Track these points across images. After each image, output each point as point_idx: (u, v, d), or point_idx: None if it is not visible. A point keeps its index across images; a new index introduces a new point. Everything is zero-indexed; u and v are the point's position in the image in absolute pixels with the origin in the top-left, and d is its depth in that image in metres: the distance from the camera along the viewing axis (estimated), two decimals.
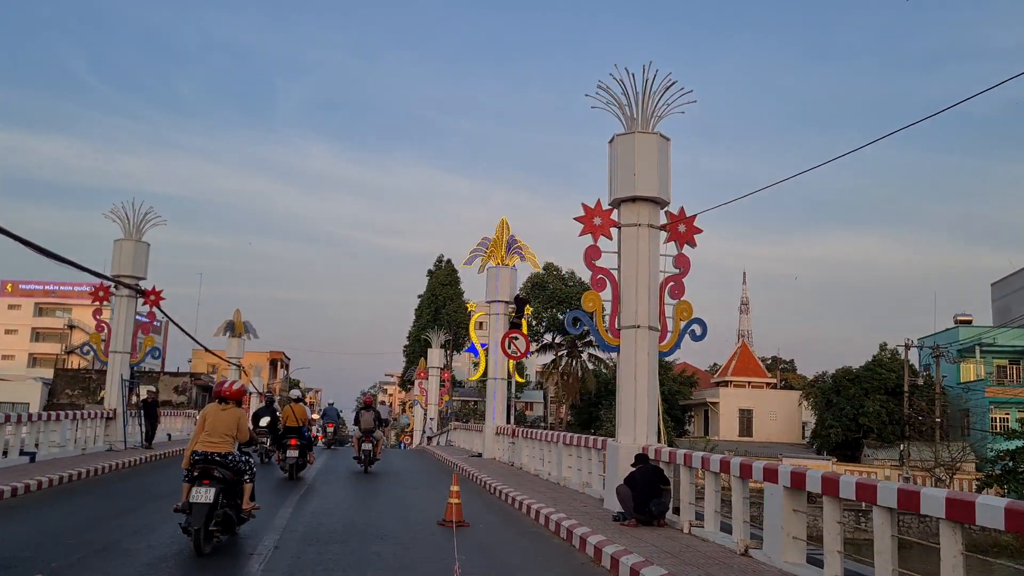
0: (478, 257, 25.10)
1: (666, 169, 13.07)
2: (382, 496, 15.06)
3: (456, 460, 22.99)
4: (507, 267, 24.58)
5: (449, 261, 68.12)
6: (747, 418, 61.34)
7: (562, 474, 16.44)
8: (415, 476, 20.48)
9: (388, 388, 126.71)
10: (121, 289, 23.45)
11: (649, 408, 12.61)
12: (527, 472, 19.23)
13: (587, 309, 12.83)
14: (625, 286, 12.81)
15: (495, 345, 24.23)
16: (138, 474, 18.23)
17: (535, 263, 24.87)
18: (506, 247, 24.73)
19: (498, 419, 24.04)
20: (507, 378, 24.65)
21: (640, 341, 12.59)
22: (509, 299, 24.39)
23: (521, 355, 21.63)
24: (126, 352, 23.45)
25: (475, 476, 18.46)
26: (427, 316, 63.02)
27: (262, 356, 74.63)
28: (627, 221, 12.95)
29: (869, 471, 50.21)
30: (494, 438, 23.90)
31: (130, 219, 23.44)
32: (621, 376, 12.75)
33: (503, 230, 24.91)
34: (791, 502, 8.28)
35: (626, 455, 12.28)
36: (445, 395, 44.13)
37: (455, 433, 33.06)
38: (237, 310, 41.74)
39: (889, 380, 54.43)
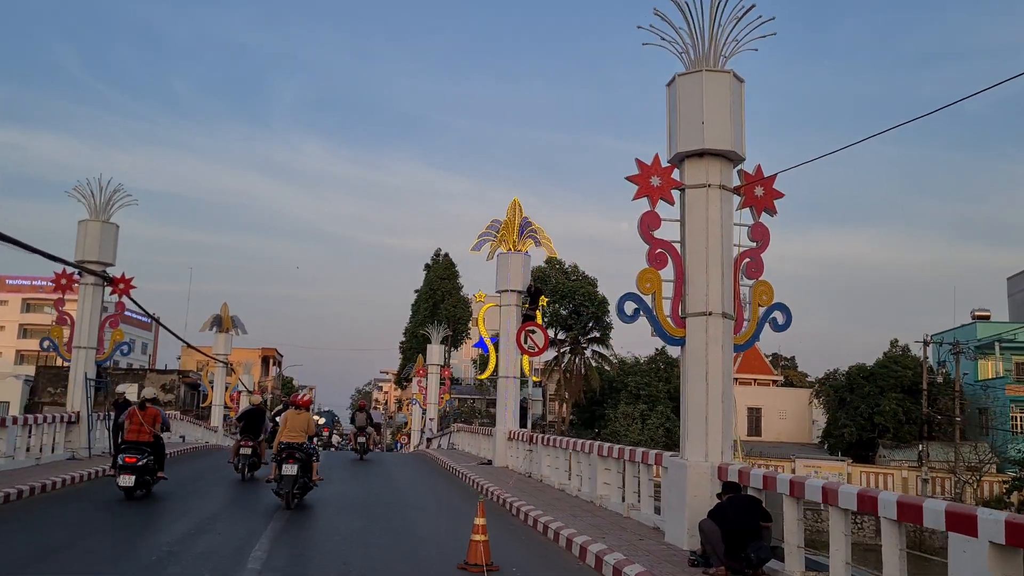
0: (487, 242, 22.30)
1: (740, 117, 10.34)
2: (382, 521, 12.28)
3: (463, 469, 20.22)
4: (520, 253, 21.78)
5: (447, 255, 65.34)
6: (756, 417, 58.70)
7: (596, 491, 13.67)
8: (420, 491, 17.69)
9: (383, 385, 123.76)
10: (86, 276, 20.62)
11: (724, 417, 9.87)
12: (549, 486, 16.46)
13: (642, 291, 10.07)
14: (692, 263, 10.06)
15: (507, 339, 21.46)
16: (100, 489, 15.37)
17: (551, 249, 22.09)
18: (519, 231, 21.94)
19: (511, 422, 21.27)
20: (520, 376, 21.88)
21: (713, 331, 9.84)
22: (522, 288, 21.61)
23: (539, 350, 18.88)
24: (91, 348, 20.61)
25: (490, 491, 15.69)
26: (424, 311, 60.13)
27: (254, 353, 71.75)
28: (693, 181, 10.21)
29: (886, 473, 47.77)
30: (506, 444, 21.12)
31: (96, 197, 20.60)
32: (688, 375, 9.99)
33: (515, 212, 22.11)
34: (1003, 565, 5.50)
35: (697, 478, 9.56)
36: (445, 394, 41.30)
37: (459, 436, 30.26)
38: (224, 304, 38.91)
39: (905, 378, 51.84)
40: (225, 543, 9.81)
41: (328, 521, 12.09)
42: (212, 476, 18.18)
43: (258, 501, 13.82)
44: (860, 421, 51.42)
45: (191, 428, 33.17)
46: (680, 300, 10.13)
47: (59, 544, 9.59)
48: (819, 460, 49.54)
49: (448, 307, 59.79)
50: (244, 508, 13.40)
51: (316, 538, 10.50)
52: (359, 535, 10.92)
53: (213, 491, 15.43)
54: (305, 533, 10.87)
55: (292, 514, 12.27)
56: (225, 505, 13.82)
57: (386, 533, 11.19)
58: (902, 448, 50.90)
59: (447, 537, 10.71)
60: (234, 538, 10.18)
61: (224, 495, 15.01)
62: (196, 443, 30.38)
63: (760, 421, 58.46)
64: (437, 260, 64.71)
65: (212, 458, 24.21)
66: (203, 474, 18.69)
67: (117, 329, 21.73)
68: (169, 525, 11.30)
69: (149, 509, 12.74)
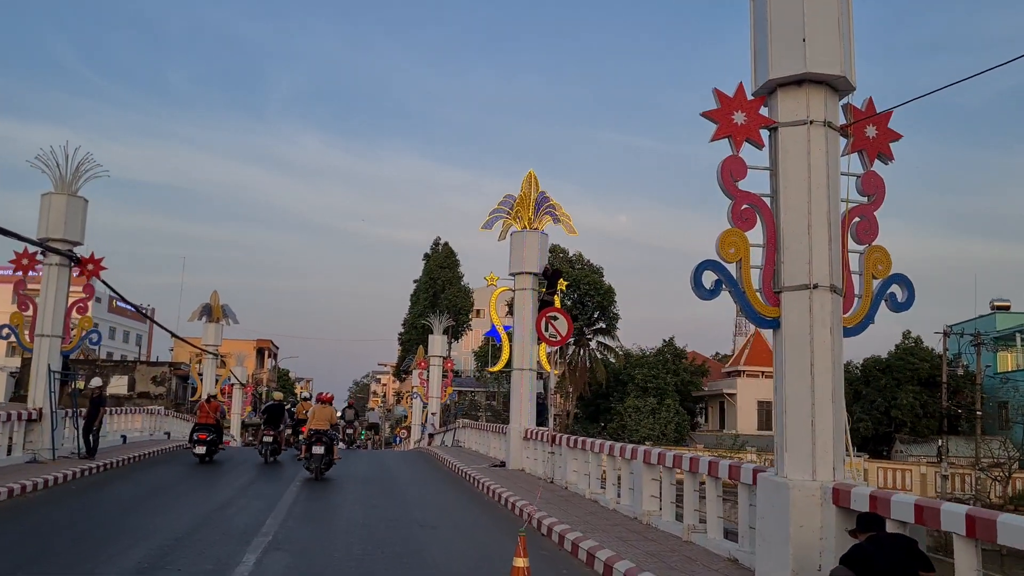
0: (499, 219, 19.88)
1: (850, 31, 7.95)
2: (388, 547, 9.89)
3: (473, 471, 17.88)
4: (536, 232, 19.39)
5: (447, 244, 62.81)
6: (766, 410, 56.31)
7: (642, 506, 11.30)
8: (426, 496, 15.32)
9: (381, 378, 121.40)
10: (50, 256, 18.19)
11: (836, 422, 7.52)
12: (577, 495, 14.10)
13: (725, 258, 7.70)
14: (789, 222, 7.68)
15: (522, 327, 19.09)
16: (59, 500, 12.95)
17: (571, 227, 19.68)
18: (534, 207, 19.54)
19: (526, 419, 18.90)
20: (537, 368, 19.51)
21: (819, 309, 7.47)
22: (538, 270, 19.24)
23: (562, 339, 16.52)
24: (56, 336, 18.19)
25: (509, 501, 13.33)
26: (424, 301, 57.63)
27: (248, 345, 69.25)
28: (790, 117, 7.81)
29: (904, 469, 45.56)
30: (522, 444, 18.77)
31: (61, 168, 18.15)
32: (786, 366, 7.61)
33: (530, 186, 19.71)
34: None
35: (803, 502, 7.22)
36: (448, 387, 38.89)
37: (464, 433, 27.87)
38: (214, 292, 36.46)
39: (922, 370, 49.65)
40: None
41: None
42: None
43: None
44: (877, 415, 49.24)
45: (177, 424, 30.75)
46: (773, 270, 7.76)
47: None
48: None
49: (449, 297, 57.30)
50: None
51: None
52: (359, 565, 8.58)
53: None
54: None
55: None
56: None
57: (392, 564, 8.82)
58: (919, 443, 48.71)
59: (467, 568, 8.36)
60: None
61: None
62: (182, 441, 27.96)
63: (771, 415, 56.14)
64: (437, 249, 62.21)
65: None
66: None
67: (86, 316, 19.28)
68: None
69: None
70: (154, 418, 27.11)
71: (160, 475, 17.49)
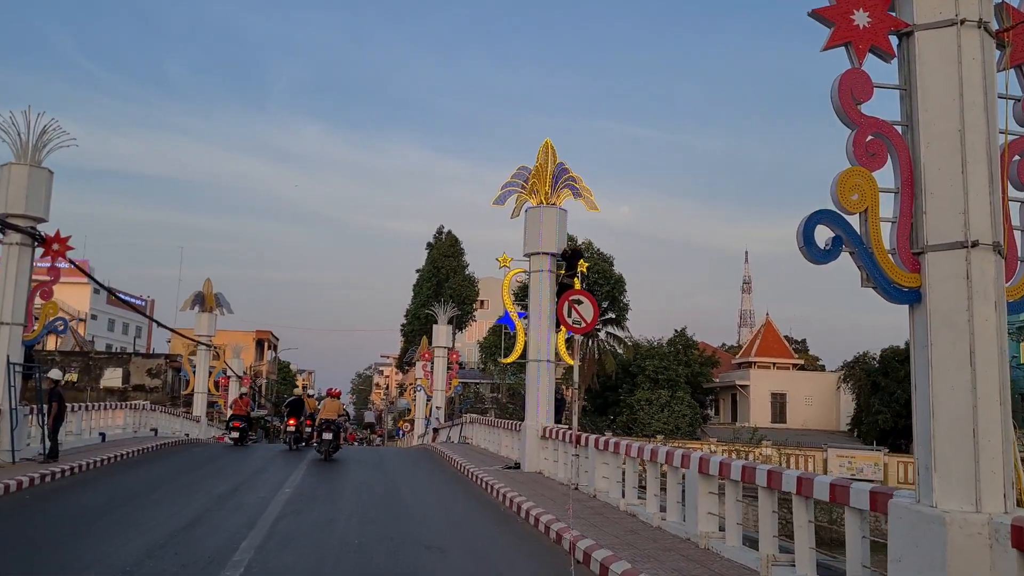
0: (513, 194, 17.74)
1: None
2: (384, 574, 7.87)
3: (486, 475, 15.81)
4: (554, 207, 17.27)
5: (450, 232, 60.54)
6: (780, 402, 54.34)
7: (698, 526, 9.21)
8: (433, 506, 13.24)
9: (384, 370, 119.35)
10: (10, 235, 16.11)
11: (1004, 430, 5.40)
12: (608, 505, 12.03)
13: (846, 207, 5.60)
14: (934, 156, 5.56)
15: (538, 314, 16.99)
16: (2, 515, 10.90)
17: (592, 202, 17.53)
18: (552, 179, 17.41)
19: (544, 416, 16.81)
20: (556, 360, 17.40)
21: (980, 276, 5.37)
22: (556, 250, 17.13)
23: (588, 325, 14.37)
24: (17, 324, 16.09)
25: (531, 515, 11.26)
26: (427, 291, 55.42)
27: (247, 336, 67.13)
28: (932, 17, 5.68)
29: None
30: (539, 443, 16.69)
31: (23, 136, 16.04)
32: (935, 354, 5.46)
33: (547, 156, 17.56)
34: None
35: (964, 542, 5.13)
36: (453, 379, 36.78)
37: (472, 428, 25.77)
38: (208, 280, 34.30)
39: None
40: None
41: None
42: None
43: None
44: (897, 407, 47.06)
45: (166, 419, 28.70)
46: (911, 223, 5.64)
47: None
48: (852, 450, 45.29)
49: (453, 286, 55.11)
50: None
51: None
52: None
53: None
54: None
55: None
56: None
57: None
58: None
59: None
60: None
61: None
62: (170, 437, 25.93)
63: (784, 408, 54.13)
64: (440, 237, 59.98)
65: (190, 455, 19.78)
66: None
67: (51, 301, 17.19)
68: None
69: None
70: (138, 413, 24.98)
71: (136, 479, 15.46)
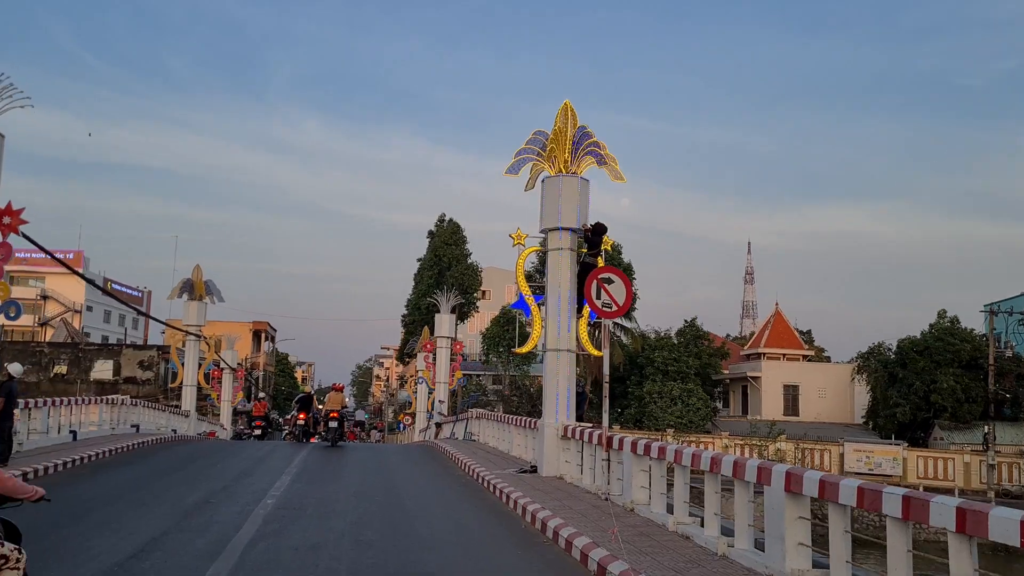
0: (527, 162, 15.53)
1: None
2: None
3: (499, 480, 13.72)
4: (574, 176, 15.06)
5: (452, 220, 58.21)
6: (792, 395, 52.17)
7: (786, 562, 7.06)
8: (440, 523, 11.10)
9: (384, 362, 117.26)
10: None
11: None
12: (655, 524, 9.89)
13: None
14: None
15: (556, 298, 14.82)
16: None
17: (618, 172, 15.33)
18: (572, 145, 15.20)
19: (564, 413, 14.66)
20: (578, 349, 15.26)
21: None
22: (577, 225, 14.96)
23: (620, 309, 12.22)
24: None
25: (562, 538, 9.14)
26: (429, 280, 53.15)
27: (244, 327, 65.00)
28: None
29: (946, 457, 41.47)
30: (559, 444, 14.56)
31: None
32: None
33: (567, 119, 15.33)
34: None
35: None
36: (457, 371, 34.61)
37: (479, 424, 23.63)
38: (197, 266, 32.06)
39: (963, 351, 45.37)
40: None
41: None
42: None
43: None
44: (915, 400, 45.02)
45: (150, 414, 26.58)
46: None
47: None
48: (870, 444, 43.20)
49: (456, 275, 52.82)
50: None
51: None
52: None
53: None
54: None
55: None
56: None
57: None
58: (961, 429, 44.56)
59: None
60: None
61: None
62: (154, 434, 23.76)
63: (797, 400, 51.98)
64: (442, 225, 57.67)
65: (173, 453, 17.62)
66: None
67: (1, 282, 15.01)
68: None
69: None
70: (117, 409, 22.74)
71: (96, 487, 13.32)
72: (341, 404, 23.96)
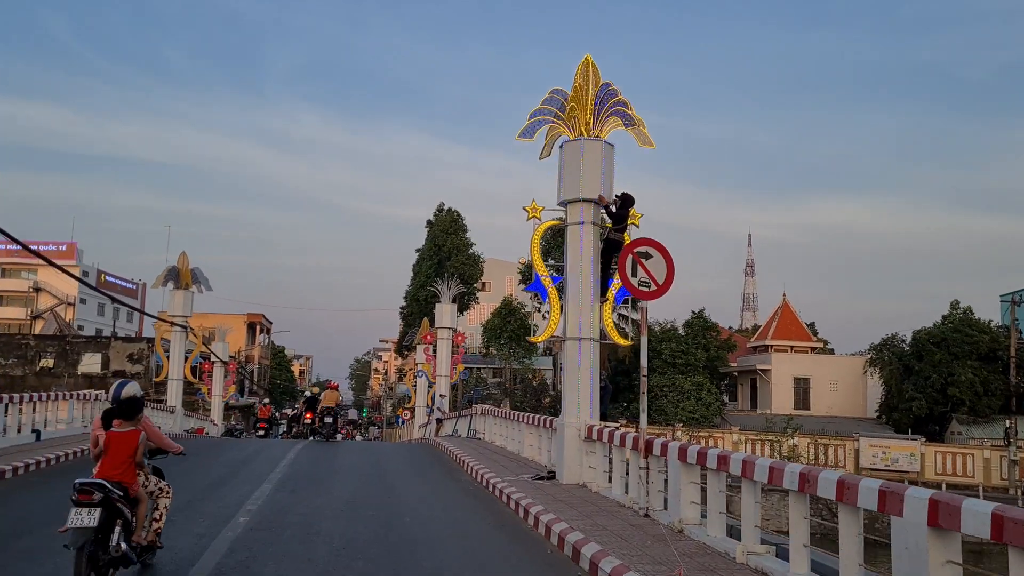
0: (543, 125, 13.49)
1: None
2: None
3: (515, 491, 11.73)
4: (598, 141, 13.02)
5: (451, 209, 56.05)
6: (803, 388, 50.24)
7: None
8: (444, 548, 9.08)
9: (383, 355, 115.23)
10: None
11: None
12: (715, 552, 7.88)
13: None
14: None
15: (577, 278, 12.79)
16: None
17: (646, 136, 13.30)
18: (594, 105, 13.17)
19: (585, 411, 12.64)
20: (602, 338, 13.24)
21: None
22: (602, 195, 12.92)
23: (660, 290, 10.18)
24: None
25: (607, 573, 7.14)
26: (428, 270, 51.02)
27: (238, 319, 62.88)
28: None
29: (965, 452, 39.59)
30: (581, 446, 12.54)
31: None
32: None
33: (588, 76, 13.28)
34: None
35: None
36: (458, 364, 32.61)
37: (484, 422, 21.61)
38: (183, 254, 29.95)
39: (982, 343, 43.44)
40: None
41: None
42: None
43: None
44: (931, 393, 43.09)
45: None
46: None
47: None
48: (885, 439, 41.28)
49: (456, 265, 50.71)
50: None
51: None
52: None
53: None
54: None
55: None
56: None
57: None
58: (980, 423, 42.68)
59: None
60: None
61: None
62: None
63: (808, 393, 50.05)
64: (440, 214, 55.50)
65: None
66: None
67: None
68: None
69: None
70: (90, 405, 20.70)
71: (38, 502, 11.31)
72: (336, 402, 25.92)
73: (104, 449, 6.59)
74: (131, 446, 6.58)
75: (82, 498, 6.19)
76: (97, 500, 6.19)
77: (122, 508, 6.39)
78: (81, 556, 5.95)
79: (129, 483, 6.55)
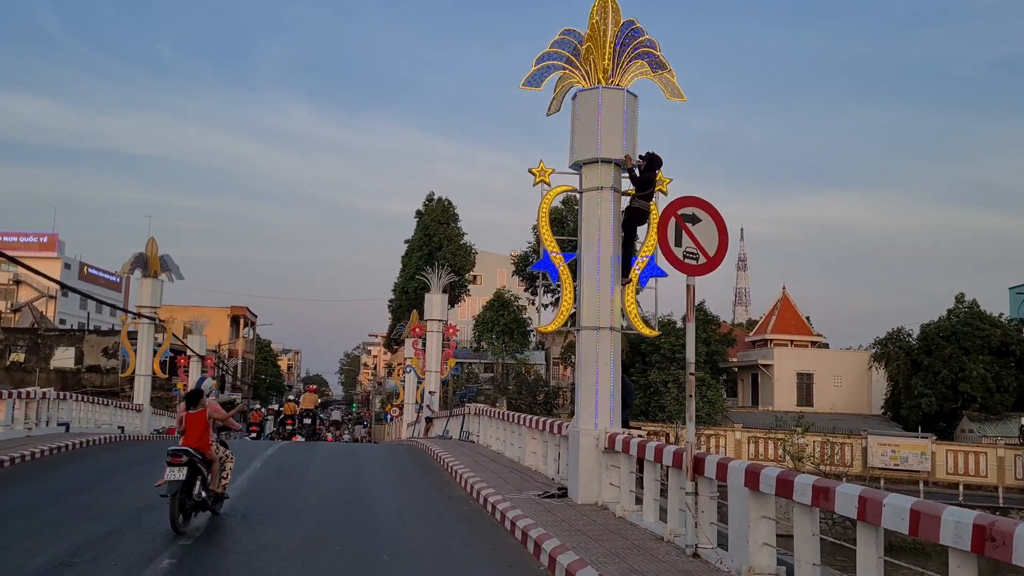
0: (553, 71, 11.12)
1: None
2: None
3: (515, 512, 9.42)
4: (619, 90, 10.65)
5: (441, 198, 53.50)
6: (806, 384, 48.08)
7: None
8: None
9: (372, 349, 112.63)
10: None
11: None
12: None
13: None
14: None
15: (592, 255, 10.42)
16: None
17: (675, 88, 10.95)
18: (614, 47, 10.80)
19: (604, 416, 10.29)
20: (624, 327, 10.91)
21: None
22: (623, 155, 10.55)
23: (710, 263, 7.81)
24: None
25: None
26: (418, 261, 48.48)
27: (221, 312, 60.21)
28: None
29: (978, 451, 37.54)
30: (598, 459, 10.18)
31: None
32: None
33: (606, 15, 10.88)
34: None
35: None
36: (450, 359, 30.24)
37: (478, 423, 19.22)
38: (151, 239, 27.36)
39: (993, 337, 41.38)
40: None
41: None
42: None
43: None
44: (941, 389, 41.00)
45: (89, 409, 22.10)
46: None
47: None
48: (894, 437, 39.20)
49: (447, 255, 48.19)
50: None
51: None
52: None
53: None
54: None
55: None
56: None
57: None
58: (992, 421, 40.63)
59: None
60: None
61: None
62: (91, 434, 19.28)
63: (811, 389, 47.90)
64: (431, 203, 52.90)
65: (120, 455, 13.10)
66: None
67: None
68: None
69: None
70: (35, 404, 18.03)
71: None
72: (315, 404, 28.22)
73: (184, 426, 8.77)
74: (201, 423, 8.79)
75: (174, 460, 8.31)
76: (184, 461, 8.34)
77: (200, 468, 8.53)
78: (174, 501, 8.03)
79: (204, 449, 8.76)
